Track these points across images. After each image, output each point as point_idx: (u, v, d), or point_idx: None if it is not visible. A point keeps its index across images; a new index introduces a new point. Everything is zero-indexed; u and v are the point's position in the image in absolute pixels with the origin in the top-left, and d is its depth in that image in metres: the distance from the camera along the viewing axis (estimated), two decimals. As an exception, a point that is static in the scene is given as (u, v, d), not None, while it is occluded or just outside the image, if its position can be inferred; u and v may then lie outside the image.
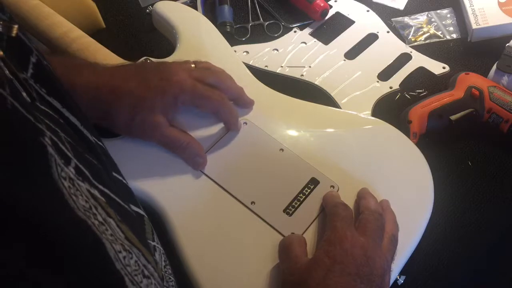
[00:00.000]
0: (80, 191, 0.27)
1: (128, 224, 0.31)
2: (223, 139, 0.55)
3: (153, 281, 0.31)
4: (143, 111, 0.51)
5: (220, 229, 0.50)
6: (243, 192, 0.52)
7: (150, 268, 0.31)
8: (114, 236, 0.28)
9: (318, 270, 0.42)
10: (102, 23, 0.77)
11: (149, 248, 0.35)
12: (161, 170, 0.52)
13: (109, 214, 0.29)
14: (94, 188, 0.29)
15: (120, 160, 0.43)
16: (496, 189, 0.61)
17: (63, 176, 0.25)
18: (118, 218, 0.30)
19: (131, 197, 0.40)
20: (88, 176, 0.29)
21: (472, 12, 0.74)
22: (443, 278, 0.55)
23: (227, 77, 0.57)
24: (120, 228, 0.30)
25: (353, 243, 0.44)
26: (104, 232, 0.27)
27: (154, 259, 0.35)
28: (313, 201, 0.51)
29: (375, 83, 0.70)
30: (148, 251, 0.33)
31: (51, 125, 0.28)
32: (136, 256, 0.30)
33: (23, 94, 0.26)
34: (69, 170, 0.27)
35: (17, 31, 0.28)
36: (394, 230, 0.49)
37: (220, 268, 0.47)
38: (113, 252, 0.26)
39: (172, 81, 0.51)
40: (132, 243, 0.30)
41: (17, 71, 0.26)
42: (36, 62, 0.31)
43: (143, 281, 0.29)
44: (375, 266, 0.44)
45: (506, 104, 0.63)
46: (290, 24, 0.78)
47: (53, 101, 0.31)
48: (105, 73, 0.51)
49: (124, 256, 0.27)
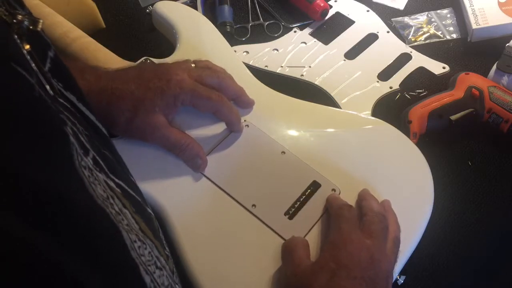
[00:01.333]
0: (98, 181, 0.27)
1: (142, 216, 0.32)
2: (224, 141, 0.55)
3: (165, 273, 0.32)
4: (143, 112, 0.51)
5: (221, 232, 0.49)
6: (244, 194, 0.51)
7: (162, 261, 0.32)
8: (130, 226, 0.28)
9: (323, 273, 0.42)
10: (102, 23, 0.77)
11: (161, 241, 0.35)
12: (162, 172, 0.52)
13: (124, 205, 0.30)
14: (110, 179, 0.30)
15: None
16: (496, 189, 0.61)
17: (83, 165, 0.26)
18: (132, 209, 0.31)
19: (142, 195, 0.41)
20: (104, 168, 0.30)
21: (472, 12, 0.74)
22: (443, 278, 0.55)
23: (227, 76, 0.57)
24: (134, 219, 0.30)
25: (358, 245, 0.44)
26: (120, 222, 0.27)
27: (166, 253, 0.35)
28: (314, 204, 0.51)
29: (375, 83, 0.70)
30: (160, 244, 0.34)
31: (70, 117, 0.28)
32: (150, 247, 0.30)
33: (47, 87, 0.27)
34: (88, 160, 0.27)
35: (42, 25, 0.29)
36: (397, 231, 0.48)
37: (220, 270, 0.47)
38: (129, 241, 0.27)
39: (171, 81, 0.51)
40: (146, 234, 0.31)
41: (42, 66, 0.27)
42: (54, 57, 0.31)
43: (156, 272, 0.30)
44: (380, 269, 0.43)
45: (506, 104, 0.63)
46: (290, 24, 0.78)
47: (69, 95, 0.32)
48: (106, 77, 0.52)
49: (139, 246, 0.28)
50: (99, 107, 0.50)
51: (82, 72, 0.51)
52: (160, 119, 0.51)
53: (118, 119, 0.51)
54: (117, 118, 0.51)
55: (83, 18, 0.72)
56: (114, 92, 0.50)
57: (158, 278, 0.30)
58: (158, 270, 0.30)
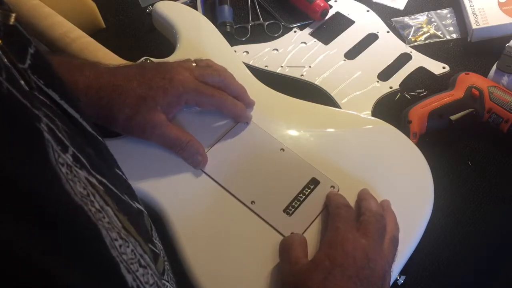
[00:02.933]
0: (78, 178, 0.27)
1: (126, 214, 0.32)
2: (223, 139, 0.55)
3: (150, 271, 0.31)
4: (143, 110, 0.51)
5: (220, 229, 0.50)
6: (243, 191, 0.52)
7: (146, 259, 0.32)
8: (111, 224, 0.28)
9: (318, 272, 0.42)
10: (102, 23, 0.77)
11: (148, 237, 0.35)
12: (161, 170, 0.52)
13: (106, 203, 0.29)
14: (92, 176, 0.29)
15: (120, 160, 0.42)
16: (496, 189, 0.61)
17: (61, 162, 0.26)
18: (116, 207, 0.31)
19: (132, 193, 0.40)
20: (86, 165, 0.29)
21: (472, 12, 0.74)
22: (443, 278, 0.55)
23: (229, 75, 0.57)
24: (117, 217, 0.30)
25: (354, 245, 0.44)
26: (100, 219, 0.27)
27: (155, 249, 0.35)
28: (313, 201, 0.51)
29: (375, 83, 0.70)
30: (146, 239, 0.33)
31: (49, 114, 0.28)
32: (133, 245, 0.30)
33: (21, 82, 0.26)
34: (66, 157, 0.27)
35: (14, 19, 0.28)
36: (395, 231, 0.48)
37: (219, 267, 0.47)
38: (108, 239, 0.27)
39: (174, 81, 0.52)
40: (129, 232, 0.31)
41: (16, 61, 0.27)
42: (34, 53, 0.31)
43: (139, 270, 0.29)
44: (376, 268, 0.43)
45: (506, 104, 0.63)
46: (290, 24, 0.78)
47: (51, 93, 0.32)
48: (107, 73, 0.51)
49: (120, 245, 0.28)
50: (100, 104, 0.50)
51: (82, 68, 0.51)
52: (161, 117, 0.51)
53: (118, 116, 0.51)
54: (117, 115, 0.51)
55: (83, 18, 0.72)
56: (115, 89, 0.50)
57: (141, 276, 0.29)
58: (142, 268, 0.30)
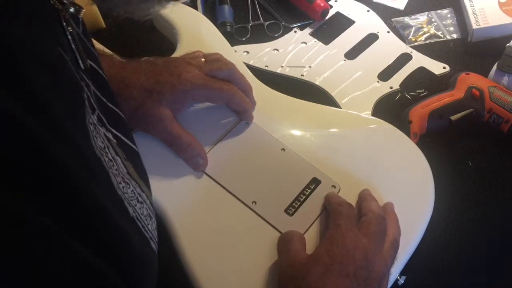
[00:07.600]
0: (99, 134, 0.34)
1: (132, 161, 0.40)
2: (224, 139, 0.55)
3: (145, 206, 0.39)
4: (148, 103, 0.51)
5: (221, 229, 0.50)
6: (244, 191, 0.52)
7: (143, 196, 0.40)
8: (118, 171, 0.36)
9: (317, 266, 0.42)
10: (102, 23, 0.77)
11: (146, 181, 0.43)
12: (161, 171, 0.52)
13: (117, 153, 0.37)
14: (108, 131, 0.37)
15: None
16: (496, 189, 0.61)
17: (91, 122, 0.33)
18: (124, 157, 0.38)
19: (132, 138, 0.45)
20: (105, 122, 0.37)
21: (472, 12, 0.74)
22: (443, 278, 0.55)
23: (238, 70, 0.57)
24: (124, 165, 0.38)
25: (355, 243, 0.44)
26: (111, 168, 0.34)
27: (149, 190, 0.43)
28: (314, 201, 0.51)
29: (375, 83, 0.70)
30: (144, 183, 0.42)
31: (89, 83, 0.36)
32: (133, 186, 0.38)
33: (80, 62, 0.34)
34: (94, 117, 0.34)
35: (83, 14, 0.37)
36: (396, 235, 0.48)
37: (220, 267, 0.47)
38: (115, 182, 0.34)
39: (182, 77, 0.52)
40: (131, 176, 0.39)
41: (79, 45, 0.34)
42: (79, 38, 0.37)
43: (137, 205, 0.37)
44: (374, 270, 0.43)
45: (507, 104, 0.63)
46: (290, 24, 0.78)
47: (92, 64, 0.39)
48: (118, 65, 0.53)
49: (123, 186, 0.36)
50: None
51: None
52: (166, 112, 0.52)
53: (123, 107, 0.51)
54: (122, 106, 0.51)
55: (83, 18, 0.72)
56: (123, 81, 0.51)
57: (139, 209, 0.37)
58: (139, 203, 0.38)
